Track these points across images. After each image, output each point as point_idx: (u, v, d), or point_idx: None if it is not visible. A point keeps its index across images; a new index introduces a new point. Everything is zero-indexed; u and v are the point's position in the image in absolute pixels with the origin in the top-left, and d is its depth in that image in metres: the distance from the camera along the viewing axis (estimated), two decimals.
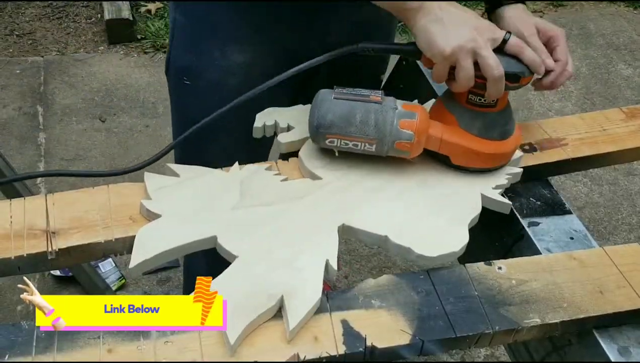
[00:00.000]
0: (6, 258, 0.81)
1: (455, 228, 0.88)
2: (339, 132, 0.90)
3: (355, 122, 0.90)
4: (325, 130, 0.91)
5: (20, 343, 0.73)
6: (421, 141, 0.92)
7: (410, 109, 0.91)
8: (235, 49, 1.08)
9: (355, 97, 0.91)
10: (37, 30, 2.98)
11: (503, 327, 0.79)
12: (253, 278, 0.80)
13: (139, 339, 0.74)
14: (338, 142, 0.92)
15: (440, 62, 0.87)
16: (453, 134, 0.93)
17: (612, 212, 2.31)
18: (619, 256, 0.89)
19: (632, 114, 1.15)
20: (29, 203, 0.88)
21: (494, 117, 0.93)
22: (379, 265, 2.07)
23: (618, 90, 2.87)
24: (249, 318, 0.75)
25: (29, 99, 2.59)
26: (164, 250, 0.82)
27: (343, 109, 0.90)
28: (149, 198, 0.89)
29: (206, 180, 0.93)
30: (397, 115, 0.90)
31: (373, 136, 0.90)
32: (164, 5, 3.10)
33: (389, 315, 0.79)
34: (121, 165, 2.28)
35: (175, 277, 1.99)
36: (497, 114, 0.94)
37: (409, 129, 0.90)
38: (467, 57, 0.85)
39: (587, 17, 3.33)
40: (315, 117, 0.91)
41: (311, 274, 0.80)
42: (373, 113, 0.90)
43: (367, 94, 0.92)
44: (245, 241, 0.84)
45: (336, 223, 0.87)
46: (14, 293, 1.89)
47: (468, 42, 0.85)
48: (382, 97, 0.91)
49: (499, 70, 0.86)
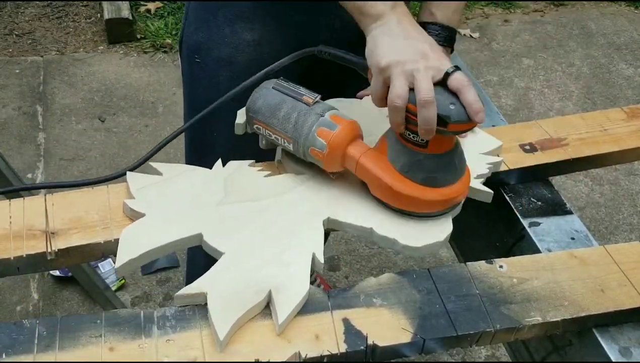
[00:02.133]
0: (5, 258, 0.81)
1: (439, 219, 0.89)
2: (264, 120, 0.91)
3: (278, 116, 0.89)
4: (252, 115, 0.92)
5: (22, 342, 0.73)
6: (335, 155, 0.87)
7: (337, 121, 0.87)
8: (244, 26, 1.09)
9: (291, 92, 0.90)
10: (36, 30, 2.97)
11: (504, 325, 0.79)
12: (240, 274, 0.80)
13: (140, 337, 0.74)
14: (263, 131, 0.92)
15: (375, 74, 0.83)
16: (374, 161, 0.87)
17: (613, 212, 2.31)
18: (620, 254, 0.89)
19: (633, 113, 1.15)
20: (29, 204, 0.88)
21: (421, 159, 0.84)
22: (380, 266, 2.07)
23: (619, 90, 2.87)
24: (238, 314, 0.75)
25: (29, 98, 2.59)
26: (150, 249, 0.82)
27: (273, 99, 0.90)
28: (132, 197, 0.89)
29: (189, 177, 0.93)
30: (319, 122, 0.87)
31: (291, 134, 0.89)
32: (164, 4, 3.10)
33: (390, 314, 0.79)
34: (121, 165, 2.28)
35: (175, 277, 1.99)
36: (426, 156, 0.84)
37: (324, 138, 0.86)
38: (400, 76, 0.79)
39: (588, 17, 3.33)
40: (250, 100, 0.92)
41: (298, 268, 0.81)
42: (297, 112, 0.88)
43: (303, 93, 0.90)
44: (231, 237, 0.84)
45: (321, 217, 0.88)
46: (14, 293, 1.89)
47: (407, 61, 0.79)
48: (316, 101, 0.89)
49: (428, 96, 0.77)
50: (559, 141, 1.08)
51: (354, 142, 0.88)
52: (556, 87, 2.86)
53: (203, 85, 1.15)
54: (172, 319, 0.76)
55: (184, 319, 0.76)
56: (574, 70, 2.96)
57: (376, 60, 0.82)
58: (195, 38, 1.14)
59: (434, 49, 0.82)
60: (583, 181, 2.41)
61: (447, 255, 2.06)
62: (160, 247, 0.83)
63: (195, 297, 0.78)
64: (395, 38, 0.82)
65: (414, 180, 0.85)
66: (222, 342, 0.73)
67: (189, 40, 1.16)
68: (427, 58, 0.80)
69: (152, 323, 0.75)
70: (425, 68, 0.79)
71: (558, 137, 1.08)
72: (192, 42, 1.15)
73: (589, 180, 2.41)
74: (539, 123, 1.12)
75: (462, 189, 0.88)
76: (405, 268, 2.04)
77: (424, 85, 0.78)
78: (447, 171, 0.86)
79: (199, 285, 0.78)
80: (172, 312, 0.77)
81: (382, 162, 0.86)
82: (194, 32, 1.14)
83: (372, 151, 0.88)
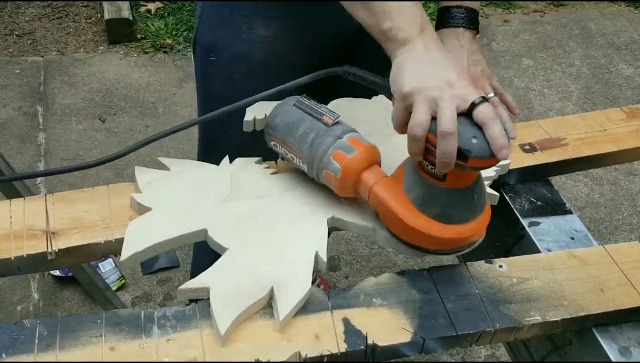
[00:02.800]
0: (6, 258, 0.81)
1: None
2: (281, 137, 0.88)
3: (295, 135, 0.86)
4: (271, 131, 0.90)
5: (22, 342, 0.73)
6: (348, 180, 0.84)
7: (354, 144, 0.84)
8: (261, 23, 1.09)
9: (311, 111, 0.87)
10: (37, 30, 2.97)
11: (504, 325, 0.79)
12: (243, 270, 0.80)
13: (140, 337, 0.74)
14: (280, 148, 0.90)
15: (397, 100, 0.79)
16: (388, 190, 0.82)
17: (612, 212, 2.31)
18: (619, 254, 0.89)
19: (632, 113, 1.15)
20: (29, 204, 0.88)
21: (437, 192, 0.80)
22: (380, 265, 2.07)
23: (619, 90, 2.86)
24: (239, 310, 0.75)
25: (29, 98, 2.59)
26: (155, 243, 0.83)
27: (292, 117, 0.87)
28: (139, 192, 0.89)
29: (197, 173, 0.93)
30: (336, 144, 0.84)
31: (306, 155, 0.86)
32: (164, 5, 3.10)
33: (390, 313, 0.79)
34: (121, 165, 2.28)
35: (176, 277, 1.99)
36: (443, 190, 0.79)
37: (339, 162, 0.83)
38: (423, 104, 0.75)
39: (587, 17, 3.33)
40: (270, 116, 0.90)
41: (301, 266, 0.81)
42: (314, 132, 0.85)
43: (324, 113, 0.87)
44: (235, 233, 0.84)
45: (326, 215, 0.88)
46: (14, 293, 1.89)
47: (431, 89, 0.75)
48: (336, 122, 0.86)
49: (449, 127, 0.72)
50: (558, 141, 1.08)
51: (369, 168, 0.84)
52: (556, 87, 2.86)
53: (217, 82, 1.16)
54: (173, 319, 0.76)
55: (185, 319, 0.76)
56: (574, 71, 2.96)
57: (399, 86, 0.78)
58: (211, 37, 1.15)
59: (461, 77, 0.77)
60: (583, 181, 2.41)
61: None
62: (165, 242, 0.83)
63: (198, 291, 0.78)
64: (420, 65, 0.78)
65: (427, 214, 0.81)
66: (222, 336, 0.73)
67: (203, 39, 1.16)
68: (453, 86, 0.75)
69: (152, 323, 0.76)
70: (451, 97, 0.74)
71: (558, 137, 1.08)
72: (206, 41, 1.16)
73: (588, 180, 2.41)
74: (539, 123, 1.12)
75: (478, 229, 0.83)
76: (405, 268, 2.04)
77: (446, 115, 0.73)
78: (463, 208, 0.81)
79: (202, 280, 0.79)
80: (173, 312, 0.77)
81: (396, 192, 0.82)
82: (210, 31, 1.15)
83: (388, 179, 0.84)
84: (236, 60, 1.12)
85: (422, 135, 0.75)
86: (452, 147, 0.73)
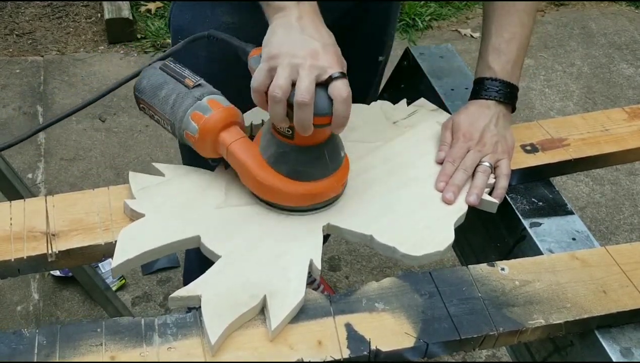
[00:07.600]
0: (6, 260, 0.81)
1: (440, 228, 0.88)
2: (147, 100, 0.91)
3: (159, 96, 0.89)
4: (138, 94, 0.92)
5: (22, 352, 0.72)
6: (206, 140, 0.86)
7: (213, 106, 0.86)
8: (225, 10, 1.10)
9: (175, 74, 0.90)
10: (37, 30, 2.97)
11: (507, 328, 0.79)
12: (236, 278, 0.79)
13: (141, 345, 0.73)
14: (147, 110, 0.92)
15: (262, 61, 0.81)
16: (244, 149, 0.86)
17: (613, 212, 2.31)
18: (621, 255, 0.88)
19: (634, 113, 1.15)
20: (29, 205, 0.88)
21: (287, 150, 0.84)
22: (380, 265, 2.07)
23: (620, 89, 2.86)
24: (231, 318, 0.74)
25: (29, 98, 2.58)
26: (147, 250, 0.82)
27: (157, 79, 0.91)
28: (133, 198, 0.88)
29: (191, 179, 0.92)
30: (195, 105, 0.87)
31: (169, 116, 0.89)
32: (164, 4, 3.09)
33: (393, 318, 0.78)
34: (121, 165, 2.28)
35: (176, 278, 1.99)
36: (293, 148, 0.83)
37: (197, 122, 0.86)
38: (285, 68, 0.78)
39: (588, 17, 3.33)
40: (137, 80, 0.93)
41: (295, 274, 0.80)
42: (176, 94, 0.88)
43: (187, 75, 0.90)
44: (229, 241, 0.84)
45: (321, 223, 0.87)
46: (14, 293, 1.89)
47: (295, 56, 0.78)
48: (198, 84, 0.89)
49: (304, 97, 0.76)
50: (560, 141, 1.07)
51: (228, 128, 0.87)
52: (557, 86, 2.85)
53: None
54: (173, 326, 0.75)
55: (185, 326, 0.75)
56: (575, 70, 2.95)
57: (268, 48, 0.80)
58: (180, 19, 1.16)
59: (326, 50, 0.80)
60: (584, 181, 2.40)
61: (447, 255, 2.05)
62: (157, 249, 0.83)
63: (189, 299, 0.77)
64: (291, 31, 0.81)
65: (280, 171, 0.85)
66: (213, 346, 0.72)
67: (175, 21, 1.18)
68: (317, 57, 0.78)
69: (153, 331, 0.75)
70: (310, 67, 0.77)
71: (559, 137, 1.08)
72: (176, 23, 1.17)
73: (589, 180, 2.41)
74: (540, 123, 1.11)
75: (332, 185, 0.87)
76: (405, 269, 2.04)
77: (304, 84, 0.76)
78: (313, 165, 0.85)
79: (193, 288, 0.78)
80: (173, 320, 0.76)
81: (252, 151, 0.86)
82: (180, 14, 1.16)
83: (245, 140, 0.87)
84: (200, 44, 1.10)
85: (281, 97, 0.78)
86: (307, 116, 0.77)
